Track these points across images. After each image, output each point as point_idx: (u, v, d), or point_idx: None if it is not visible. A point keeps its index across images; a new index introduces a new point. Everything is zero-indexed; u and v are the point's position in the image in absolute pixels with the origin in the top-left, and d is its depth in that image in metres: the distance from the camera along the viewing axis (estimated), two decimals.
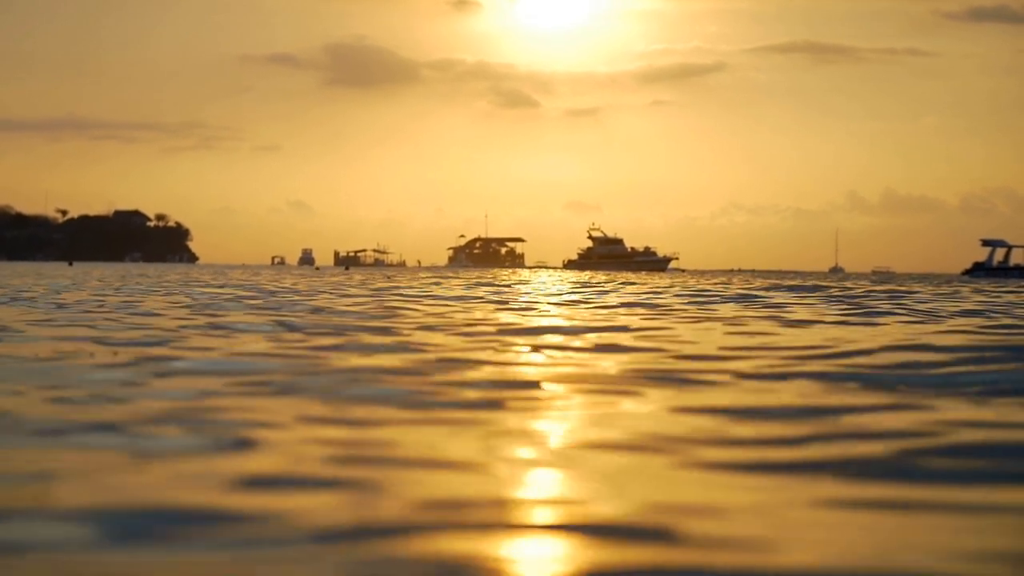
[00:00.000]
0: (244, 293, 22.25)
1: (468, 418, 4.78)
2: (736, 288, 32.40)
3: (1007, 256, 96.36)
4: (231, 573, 2.46)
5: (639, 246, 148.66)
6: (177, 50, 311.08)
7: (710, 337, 10.31)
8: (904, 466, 3.78)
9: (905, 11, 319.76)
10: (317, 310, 15.09)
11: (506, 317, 13.79)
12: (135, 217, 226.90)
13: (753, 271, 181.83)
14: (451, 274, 71.42)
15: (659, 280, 52.48)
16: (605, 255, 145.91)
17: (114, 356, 7.61)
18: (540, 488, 3.42)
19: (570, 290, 28.79)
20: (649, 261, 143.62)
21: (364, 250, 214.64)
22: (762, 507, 3.12)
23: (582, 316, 14.39)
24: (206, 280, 36.43)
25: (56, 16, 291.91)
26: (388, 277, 50.76)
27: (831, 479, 3.53)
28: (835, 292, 28.60)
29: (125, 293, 21.14)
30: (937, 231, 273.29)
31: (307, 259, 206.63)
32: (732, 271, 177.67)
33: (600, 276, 69.94)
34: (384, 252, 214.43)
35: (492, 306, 17.36)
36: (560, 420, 4.83)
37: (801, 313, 15.94)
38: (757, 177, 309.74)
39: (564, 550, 2.68)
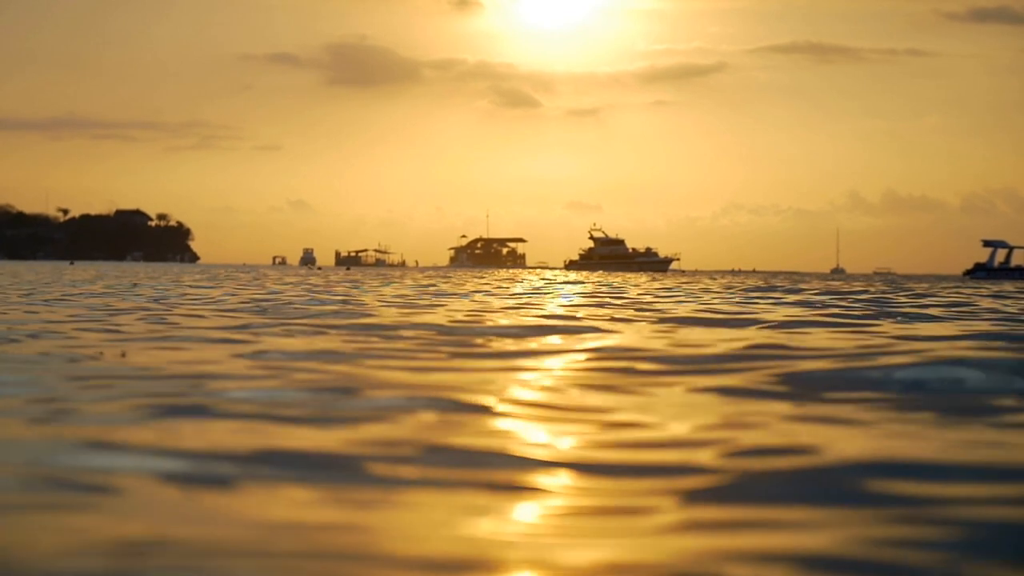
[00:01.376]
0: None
1: None
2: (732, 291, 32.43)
3: (1008, 257, 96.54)
4: None
5: (640, 246, 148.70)
6: (178, 49, 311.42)
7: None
8: None
9: (906, 11, 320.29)
10: None
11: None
12: (136, 216, 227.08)
13: (754, 271, 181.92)
14: (450, 275, 71.52)
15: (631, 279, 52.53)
16: (606, 255, 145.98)
17: None
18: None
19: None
20: (650, 262, 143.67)
21: (365, 250, 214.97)
22: None
23: None
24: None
25: (57, 14, 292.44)
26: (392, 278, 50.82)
27: None
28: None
29: None
30: (938, 231, 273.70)
31: (308, 259, 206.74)
32: (732, 272, 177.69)
33: (596, 276, 70.06)
34: (385, 252, 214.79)
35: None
36: None
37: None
38: (758, 177, 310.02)
39: None
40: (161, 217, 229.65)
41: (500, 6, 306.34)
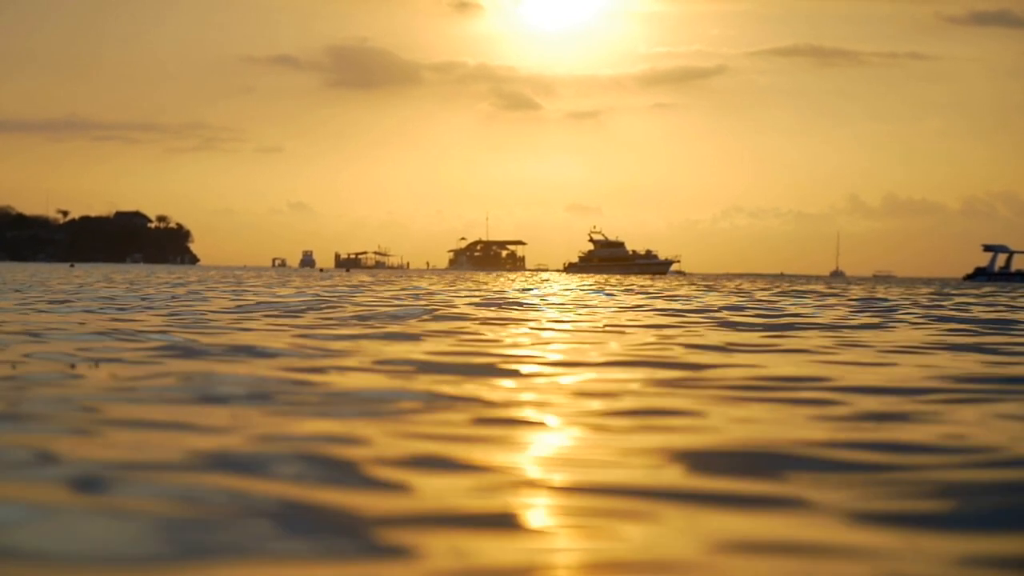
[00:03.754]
0: None
1: None
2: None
3: (1008, 262, 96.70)
4: None
5: (641, 249, 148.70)
6: (179, 51, 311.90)
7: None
8: None
9: (908, 14, 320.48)
10: None
11: None
12: (136, 218, 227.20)
13: (753, 274, 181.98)
14: (435, 278, 71.56)
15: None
16: (606, 258, 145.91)
17: None
18: None
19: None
20: (651, 264, 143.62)
21: (365, 252, 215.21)
22: None
23: None
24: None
25: (57, 15, 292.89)
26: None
27: None
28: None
29: None
30: (938, 235, 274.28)
31: (308, 261, 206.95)
32: (730, 275, 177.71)
33: (596, 279, 70.08)
34: (385, 254, 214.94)
35: None
36: None
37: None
38: (759, 180, 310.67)
39: None
40: (161, 219, 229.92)
41: (501, 9, 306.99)
